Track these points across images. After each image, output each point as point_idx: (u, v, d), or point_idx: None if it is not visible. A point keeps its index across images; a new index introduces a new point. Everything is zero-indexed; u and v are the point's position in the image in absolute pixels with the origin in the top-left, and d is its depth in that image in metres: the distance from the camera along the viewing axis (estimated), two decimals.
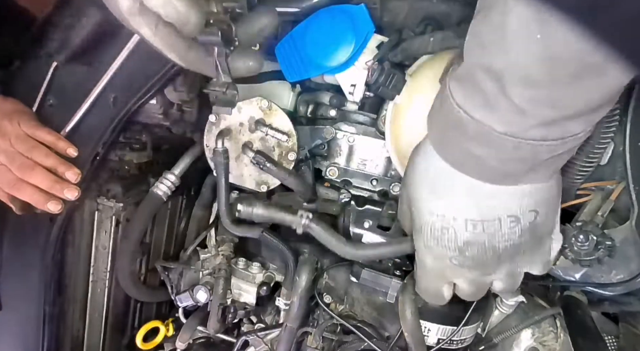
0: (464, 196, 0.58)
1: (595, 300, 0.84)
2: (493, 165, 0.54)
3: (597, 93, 0.46)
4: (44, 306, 1.01)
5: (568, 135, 0.50)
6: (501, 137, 0.50)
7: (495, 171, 0.55)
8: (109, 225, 1.04)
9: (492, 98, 0.49)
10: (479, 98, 0.50)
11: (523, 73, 0.46)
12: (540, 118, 0.48)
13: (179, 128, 1.03)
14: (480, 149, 0.53)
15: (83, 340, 1.12)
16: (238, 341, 1.01)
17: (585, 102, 0.47)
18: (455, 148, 0.57)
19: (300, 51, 0.77)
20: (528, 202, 0.58)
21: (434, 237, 0.62)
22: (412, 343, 0.78)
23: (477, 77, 0.49)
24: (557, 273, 0.79)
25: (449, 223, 0.60)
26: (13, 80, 0.94)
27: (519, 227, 0.59)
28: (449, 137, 0.57)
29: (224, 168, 0.89)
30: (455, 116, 0.53)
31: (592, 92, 0.46)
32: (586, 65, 0.43)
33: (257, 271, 1.01)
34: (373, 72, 0.74)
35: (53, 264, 0.99)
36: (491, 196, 0.58)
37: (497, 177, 0.56)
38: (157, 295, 1.17)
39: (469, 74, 0.51)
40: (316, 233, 0.76)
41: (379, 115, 0.86)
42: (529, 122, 0.49)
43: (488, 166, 0.55)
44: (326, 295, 0.92)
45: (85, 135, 0.90)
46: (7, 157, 0.84)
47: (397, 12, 0.79)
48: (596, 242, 0.71)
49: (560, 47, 0.42)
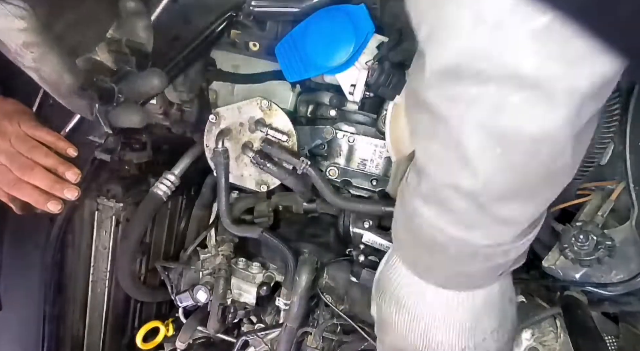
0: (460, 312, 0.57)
1: (595, 300, 0.84)
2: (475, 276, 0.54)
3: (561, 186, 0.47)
4: (44, 306, 1.01)
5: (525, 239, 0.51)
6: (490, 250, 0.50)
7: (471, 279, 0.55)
8: (109, 225, 1.04)
9: (468, 216, 0.47)
10: (454, 218, 0.48)
11: (500, 191, 0.44)
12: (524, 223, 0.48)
13: (179, 128, 1.03)
14: (469, 267, 0.52)
15: (83, 340, 1.12)
16: (238, 341, 1.01)
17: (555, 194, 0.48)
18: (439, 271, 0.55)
19: (300, 51, 0.77)
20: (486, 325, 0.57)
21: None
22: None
23: (447, 197, 0.46)
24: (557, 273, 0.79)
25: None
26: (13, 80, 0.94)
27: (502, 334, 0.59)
28: (428, 260, 0.55)
29: (224, 168, 0.89)
30: (429, 237, 0.51)
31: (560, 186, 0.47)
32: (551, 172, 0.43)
33: (257, 271, 1.01)
34: (373, 72, 0.74)
35: (53, 264, 0.99)
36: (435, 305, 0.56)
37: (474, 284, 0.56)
38: (157, 295, 1.17)
39: (436, 193, 0.48)
40: (313, 178, 0.78)
41: (379, 115, 0.86)
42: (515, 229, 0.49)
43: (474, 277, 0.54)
44: (326, 295, 0.92)
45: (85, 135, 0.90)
46: (7, 157, 0.84)
47: (397, 12, 0.79)
48: (596, 242, 0.71)
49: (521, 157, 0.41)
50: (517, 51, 0.36)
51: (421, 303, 0.57)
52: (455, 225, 0.48)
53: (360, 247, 0.90)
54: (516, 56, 0.36)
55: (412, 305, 0.57)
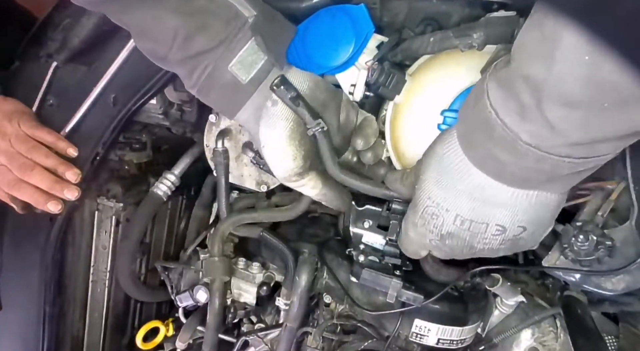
0: (464, 193, 0.60)
1: (595, 300, 0.84)
2: (512, 171, 0.55)
3: (631, 124, 0.46)
4: (44, 306, 1.01)
5: (592, 156, 0.50)
6: (525, 146, 0.50)
7: (514, 176, 0.56)
8: (109, 225, 1.04)
9: (526, 108, 0.48)
10: (514, 105, 0.50)
11: (563, 91, 0.45)
12: (569, 138, 0.48)
13: (179, 128, 1.03)
14: (503, 154, 0.53)
15: (83, 340, 1.12)
16: (238, 341, 1.01)
17: (617, 130, 0.47)
18: (479, 147, 0.57)
19: (300, 51, 0.77)
20: (521, 217, 0.59)
21: (423, 218, 0.65)
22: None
23: (516, 85, 0.49)
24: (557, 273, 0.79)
25: (441, 212, 0.62)
26: (13, 80, 0.94)
27: (502, 236, 0.61)
28: (476, 135, 0.56)
29: (224, 168, 0.89)
30: (485, 115, 0.53)
31: (627, 122, 0.46)
32: (629, 95, 0.42)
33: (257, 271, 1.01)
34: (373, 72, 0.74)
35: (53, 264, 0.99)
36: (490, 201, 0.59)
37: (515, 182, 0.57)
38: (157, 295, 1.17)
39: (509, 79, 0.50)
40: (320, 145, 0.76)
41: (379, 115, 0.86)
42: (556, 140, 0.49)
43: (507, 171, 0.55)
44: (326, 295, 0.92)
45: (85, 135, 0.90)
46: (7, 157, 0.84)
47: (397, 12, 0.79)
48: (596, 242, 0.71)
49: (607, 74, 0.41)
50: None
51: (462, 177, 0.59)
52: (511, 113, 0.50)
53: (360, 247, 0.90)
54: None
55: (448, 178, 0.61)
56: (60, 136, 0.88)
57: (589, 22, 0.35)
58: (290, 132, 0.72)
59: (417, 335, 0.84)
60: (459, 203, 0.60)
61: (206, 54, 0.68)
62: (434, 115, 0.74)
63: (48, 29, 0.91)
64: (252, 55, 0.70)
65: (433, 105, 0.74)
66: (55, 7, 0.89)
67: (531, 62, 0.47)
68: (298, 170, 0.74)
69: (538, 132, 0.49)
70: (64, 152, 0.87)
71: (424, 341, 0.83)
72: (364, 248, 0.89)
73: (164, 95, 0.96)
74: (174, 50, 0.67)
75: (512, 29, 0.65)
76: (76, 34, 0.87)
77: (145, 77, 0.85)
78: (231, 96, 0.71)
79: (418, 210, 0.66)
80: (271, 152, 0.73)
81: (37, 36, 0.92)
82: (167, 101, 0.98)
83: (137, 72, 0.85)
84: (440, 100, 0.73)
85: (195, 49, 0.67)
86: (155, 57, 0.72)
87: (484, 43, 0.67)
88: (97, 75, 0.87)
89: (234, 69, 0.69)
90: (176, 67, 0.71)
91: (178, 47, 0.67)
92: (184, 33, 0.66)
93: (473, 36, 0.67)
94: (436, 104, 0.74)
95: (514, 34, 0.65)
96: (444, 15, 0.77)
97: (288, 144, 0.72)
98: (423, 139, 0.76)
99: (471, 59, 0.71)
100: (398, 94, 0.76)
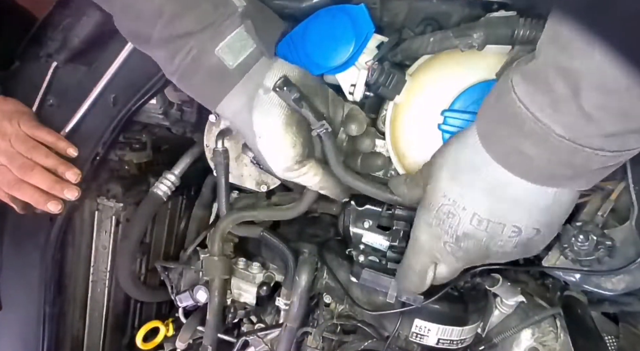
0: (482, 191, 0.59)
1: (595, 300, 0.84)
2: (540, 165, 0.54)
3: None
4: (44, 306, 1.01)
5: (625, 149, 0.50)
6: (558, 139, 0.50)
7: (541, 171, 0.55)
8: (109, 225, 1.04)
9: (560, 99, 0.48)
10: (546, 98, 0.49)
11: (602, 79, 0.44)
12: (604, 128, 0.47)
13: (179, 128, 1.03)
14: (532, 148, 0.53)
15: (83, 340, 1.12)
16: (238, 341, 1.01)
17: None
18: (504, 143, 0.56)
19: (300, 51, 0.77)
20: (537, 218, 0.59)
21: (438, 218, 0.63)
22: None
23: (549, 76, 0.48)
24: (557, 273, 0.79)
25: (457, 210, 0.61)
26: (13, 80, 0.94)
27: (517, 238, 0.60)
28: (501, 131, 0.56)
29: (224, 168, 0.89)
30: (513, 110, 0.52)
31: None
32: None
33: (257, 271, 1.01)
34: (373, 72, 0.74)
35: (53, 264, 0.99)
36: (510, 199, 0.58)
37: (541, 178, 0.56)
38: (157, 295, 1.17)
39: (540, 72, 0.49)
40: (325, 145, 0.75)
41: (379, 115, 0.85)
42: (592, 130, 0.48)
43: (534, 165, 0.54)
44: (326, 295, 0.92)
45: (85, 135, 0.90)
46: (7, 157, 0.84)
47: (397, 12, 0.79)
48: (596, 242, 0.71)
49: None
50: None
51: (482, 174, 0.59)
52: (542, 106, 0.49)
53: (360, 247, 0.90)
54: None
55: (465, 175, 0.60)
56: (60, 136, 0.88)
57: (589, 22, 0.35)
58: (285, 118, 0.69)
59: (417, 335, 0.84)
60: (477, 201, 0.59)
61: (192, 36, 0.64)
62: (434, 115, 0.74)
63: (48, 29, 0.91)
64: (240, 41, 0.67)
65: (433, 105, 0.74)
66: (55, 7, 0.89)
67: (565, 53, 0.46)
68: (298, 158, 0.71)
69: (573, 123, 0.48)
70: (64, 152, 0.87)
71: (424, 341, 0.84)
72: (364, 248, 0.89)
73: (164, 95, 0.96)
74: (158, 28, 0.64)
75: (512, 29, 0.65)
76: (76, 34, 0.87)
77: (145, 77, 0.85)
78: (216, 82, 0.67)
79: (432, 208, 0.64)
80: (268, 142, 0.70)
81: (37, 36, 0.92)
82: (167, 101, 0.98)
83: (137, 72, 0.85)
84: (440, 100, 0.73)
85: (182, 29, 0.64)
86: (137, 37, 0.68)
87: (484, 43, 0.67)
88: (97, 75, 0.87)
89: (221, 52, 0.65)
90: (158, 49, 0.66)
91: (163, 25, 0.63)
92: (171, 10, 0.63)
93: (473, 36, 0.67)
94: (436, 104, 0.74)
95: (514, 34, 0.65)
96: (444, 15, 0.77)
97: (285, 131, 0.69)
98: (423, 139, 0.76)
99: (471, 59, 0.71)
100: (398, 94, 0.76)
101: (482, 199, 0.59)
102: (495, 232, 0.60)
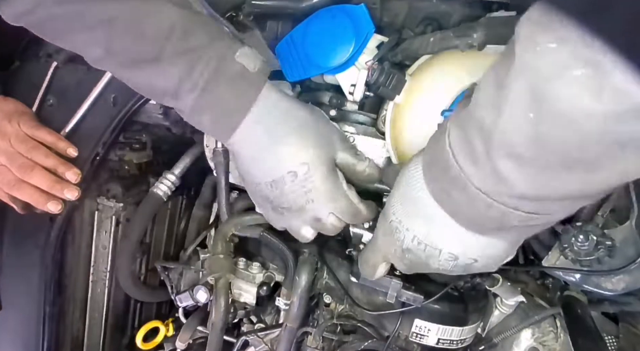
0: (421, 219, 0.60)
1: (595, 300, 0.84)
2: (465, 212, 0.55)
3: (581, 187, 0.44)
4: (44, 306, 1.01)
5: (542, 213, 0.49)
6: (475, 191, 0.50)
7: (467, 218, 0.56)
8: (109, 225, 1.04)
9: (477, 153, 0.47)
10: (468, 148, 0.49)
11: (508, 143, 0.44)
12: (515, 190, 0.47)
13: (179, 128, 1.03)
14: (457, 194, 0.53)
15: (83, 340, 1.12)
16: (238, 341, 1.01)
17: (565, 191, 0.45)
18: (437, 182, 0.56)
19: (300, 51, 0.77)
20: (471, 254, 0.60)
21: (390, 228, 0.65)
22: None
23: (470, 130, 0.48)
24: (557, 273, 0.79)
25: (402, 229, 0.63)
26: (13, 80, 0.94)
27: (455, 262, 0.61)
28: (435, 170, 0.56)
29: (224, 168, 0.89)
30: (445, 153, 0.52)
31: (576, 185, 0.44)
32: (575, 159, 0.41)
33: (257, 271, 1.01)
34: (373, 72, 0.74)
35: (53, 264, 0.99)
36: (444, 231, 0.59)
37: (469, 224, 0.57)
38: (157, 295, 1.17)
39: (465, 121, 0.49)
40: None
41: (379, 115, 0.85)
42: (505, 190, 0.47)
43: (461, 211, 0.55)
44: (326, 295, 0.92)
45: (85, 135, 0.90)
46: (7, 158, 0.84)
47: (397, 12, 0.79)
48: (596, 242, 0.71)
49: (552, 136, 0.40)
50: None
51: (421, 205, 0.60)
52: (465, 155, 0.50)
53: (360, 247, 0.90)
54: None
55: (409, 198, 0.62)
56: (60, 136, 0.88)
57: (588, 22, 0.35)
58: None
59: (417, 335, 0.84)
60: (417, 226, 0.61)
61: (208, 47, 0.63)
62: (434, 115, 0.74)
63: None
64: (252, 49, 0.67)
65: (433, 105, 0.74)
66: None
67: (483, 108, 0.46)
68: None
69: (486, 178, 0.48)
70: (64, 152, 0.87)
71: (424, 341, 0.84)
72: None
73: None
74: (171, 43, 0.61)
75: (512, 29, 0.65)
76: None
77: None
78: (242, 87, 0.64)
79: (387, 219, 0.66)
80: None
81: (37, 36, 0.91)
82: None
83: None
84: (440, 100, 0.73)
85: (197, 41, 0.62)
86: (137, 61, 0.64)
87: (484, 43, 0.67)
88: (97, 75, 0.87)
89: (240, 59, 0.64)
90: (172, 65, 0.62)
91: (178, 39, 0.62)
92: (182, 26, 0.62)
93: (473, 36, 0.67)
94: (436, 104, 0.74)
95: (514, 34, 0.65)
96: (444, 15, 0.77)
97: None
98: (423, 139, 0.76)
99: (471, 59, 0.71)
100: (398, 94, 0.76)
101: (421, 225, 0.60)
102: (432, 254, 0.61)
